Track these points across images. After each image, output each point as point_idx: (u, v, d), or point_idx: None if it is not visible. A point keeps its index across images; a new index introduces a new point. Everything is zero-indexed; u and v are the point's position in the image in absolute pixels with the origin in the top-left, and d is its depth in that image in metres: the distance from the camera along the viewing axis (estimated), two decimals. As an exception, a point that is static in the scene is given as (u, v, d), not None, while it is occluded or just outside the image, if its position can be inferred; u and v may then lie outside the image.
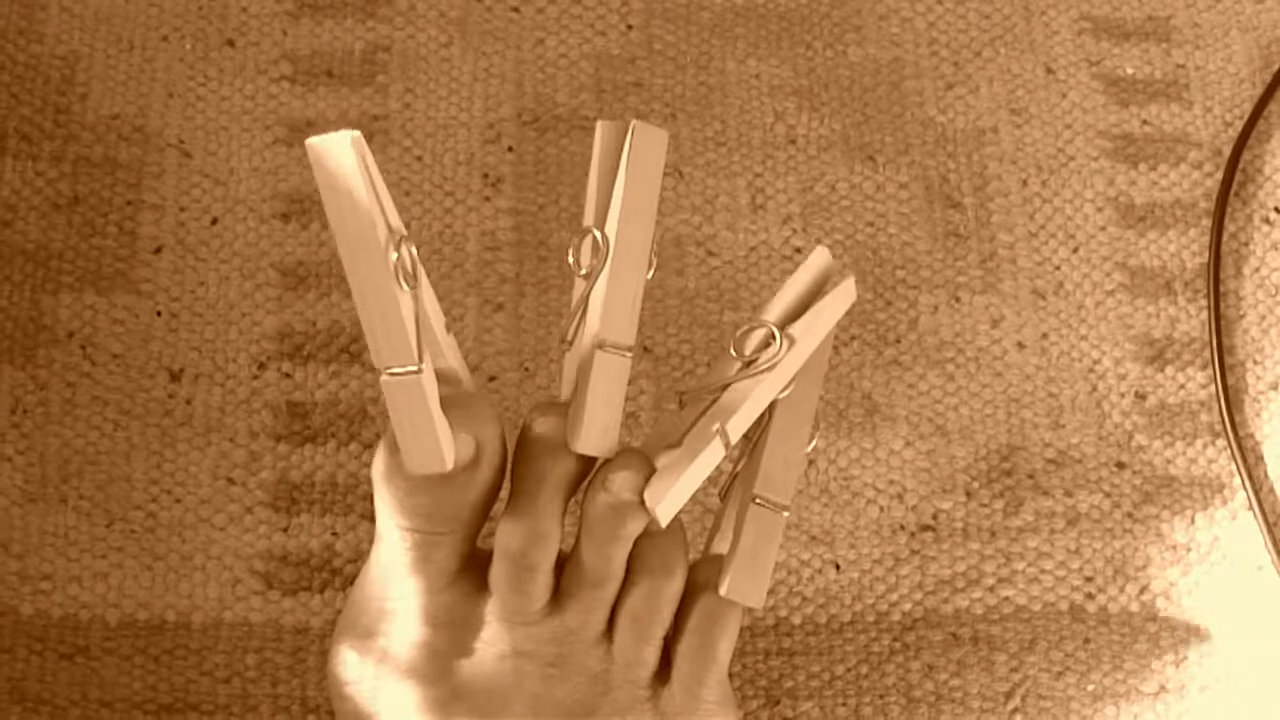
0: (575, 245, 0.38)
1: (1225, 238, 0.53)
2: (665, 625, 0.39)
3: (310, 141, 0.32)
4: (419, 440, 0.35)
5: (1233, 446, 0.50)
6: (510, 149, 0.53)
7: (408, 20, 0.55)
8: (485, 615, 0.38)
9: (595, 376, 0.37)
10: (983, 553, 0.49)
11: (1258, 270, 0.53)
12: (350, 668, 0.39)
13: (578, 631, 0.38)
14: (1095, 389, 0.51)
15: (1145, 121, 0.54)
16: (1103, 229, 0.53)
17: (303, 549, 0.48)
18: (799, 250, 0.52)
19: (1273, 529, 0.49)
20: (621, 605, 0.38)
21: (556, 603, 0.38)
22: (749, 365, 0.38)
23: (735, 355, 0.39)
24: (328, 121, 0.53)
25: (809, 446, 0.40)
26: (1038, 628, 0.48)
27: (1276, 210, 0.53)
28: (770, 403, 0.39)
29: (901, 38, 0.55)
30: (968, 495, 0.49)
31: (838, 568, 0.48)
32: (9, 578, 0.47)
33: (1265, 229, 0.53)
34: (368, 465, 0.48)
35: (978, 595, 0.48)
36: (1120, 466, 0.50)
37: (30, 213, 0.51)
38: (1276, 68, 0.55)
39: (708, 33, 0.55)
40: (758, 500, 0.39)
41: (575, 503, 0.39)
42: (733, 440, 0.38)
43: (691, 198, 0.53)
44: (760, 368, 0.38)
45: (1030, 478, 0.49)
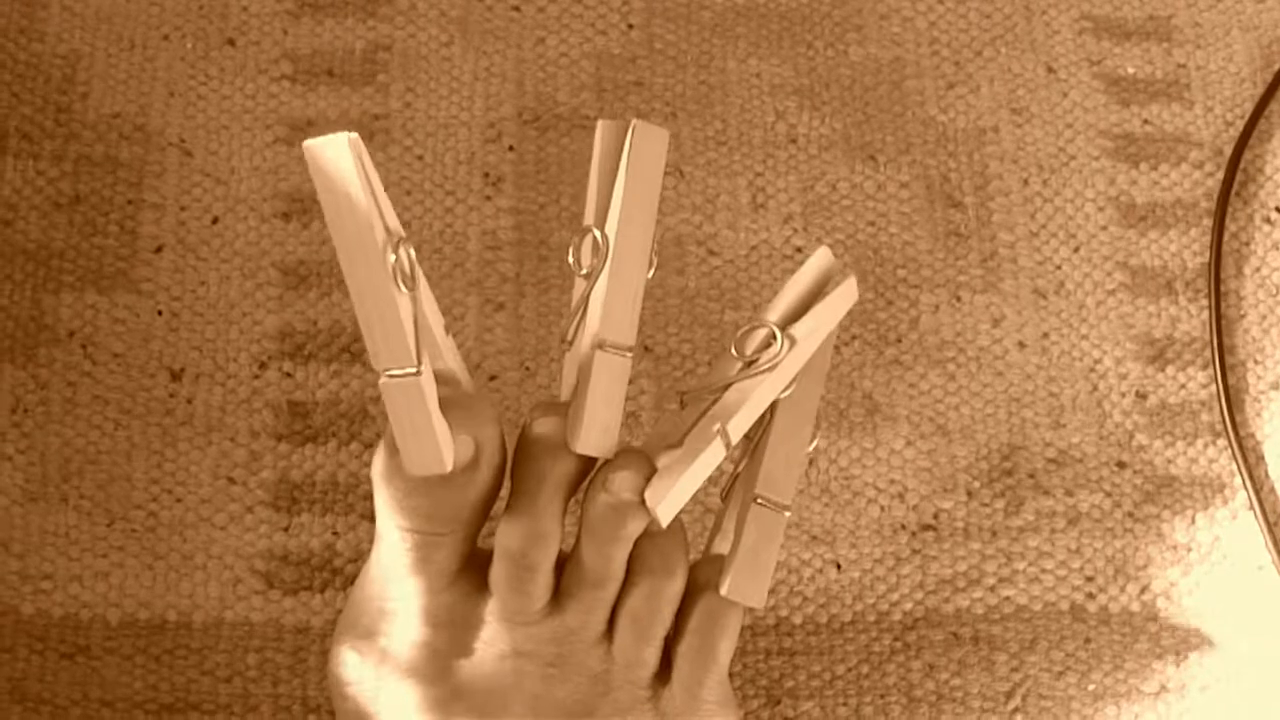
0: (575, 245, 0.38)
1: (1226, 237, 0.53)
2: (666, 625, 0.39)
3: (308, 143, 0.32)
4: (418, 442, 0.35)
5: (1233, 446, 0.49)
6: (511, 148, 0.53)
7: (408, 19, 0.54)
8: (485, 615, 0.38)
9: (595, 376, 0.37)
10: (984, 552, 0.48)
11: (1258, 270, 0.52)
12: (351, 668, 0.39)
13: (578, 631, 0.38)
14: (1096, 388, 0.51)
15: (1146, 121, 0.54)
16: (1104, 228, 0.53)
17: (303, 548, 0.48)
18: (800, 249, 0.52)
19: (1273, 529, 0.49)
20: (622, 605, 0.38)
21: (557, 603, 0.38)
22: (750, 365, 0.38)
23: (736, 355, 0.39)
24: (328, 120, 0.53)
25: (810, 446, 0.40)
26: (1038, 627, 0.48)
27: (1277, 210, 0.53)
28: (771, 403, 0.39)
29: (902, 37, 0.55)
30: (969, 495, 0.49)
31: (839, 567, 0.48)
32: (10, 577, 0.47)
33: (1266, 229, 0.53)
34: (368, 465, 0.48)
35: (979, 595, 0.48)
36: (1121, 466, 0.50)
37: (31, 212, 0.51)
38: (1277, 67, 0.55)
39: (709, 32, 0.55)
40: (759, 500, 0.39)
41: (575, 503, 0.39)
42: (734, 440, 0.38)
43: (692, 197, 0.52)
44: (761, 368, 0.38)
45: (1031, 477, 0.49)
